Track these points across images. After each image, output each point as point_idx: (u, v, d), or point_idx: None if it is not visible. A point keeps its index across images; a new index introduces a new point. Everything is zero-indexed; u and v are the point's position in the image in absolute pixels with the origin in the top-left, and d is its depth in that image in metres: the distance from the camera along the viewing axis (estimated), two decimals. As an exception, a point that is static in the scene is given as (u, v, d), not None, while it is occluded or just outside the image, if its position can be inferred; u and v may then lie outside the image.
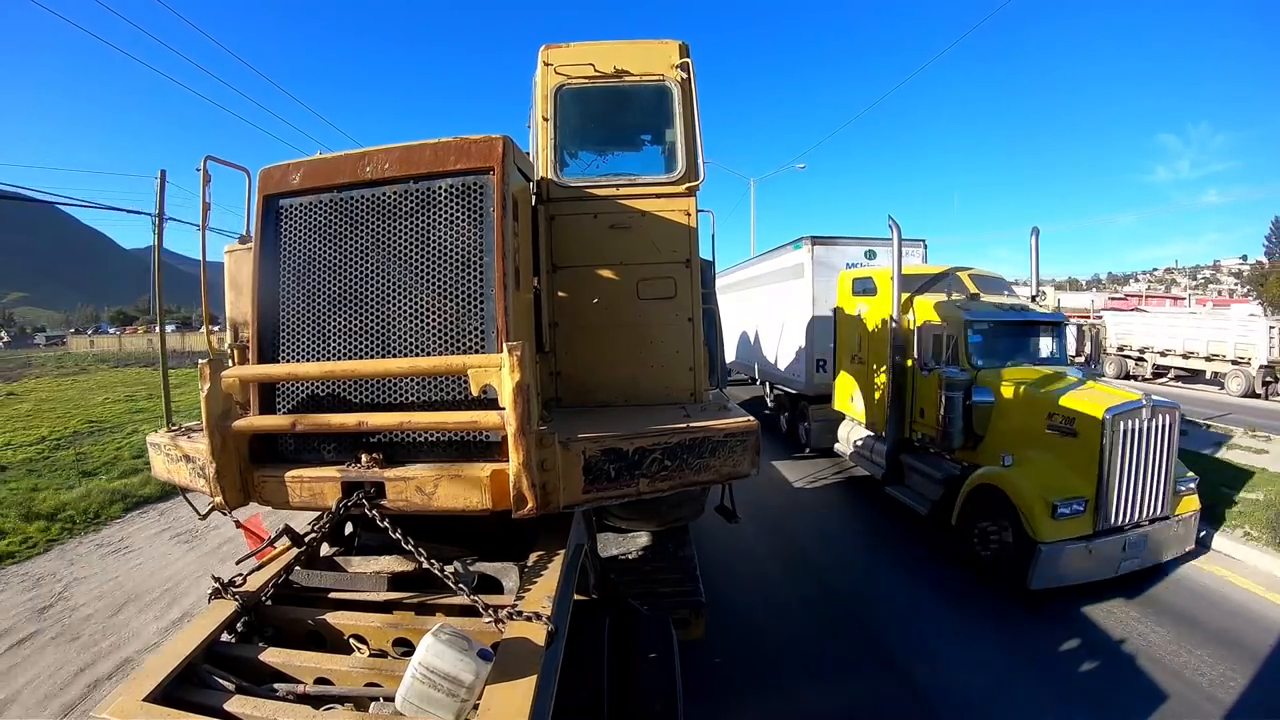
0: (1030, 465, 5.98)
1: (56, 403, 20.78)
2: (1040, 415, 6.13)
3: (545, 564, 2.55)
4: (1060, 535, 5.44)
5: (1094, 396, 5.88)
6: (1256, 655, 4.82)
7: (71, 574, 6.90)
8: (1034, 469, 5.92)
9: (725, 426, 2.82)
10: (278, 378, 2.60)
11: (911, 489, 7.72)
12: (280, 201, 2.72)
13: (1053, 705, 4.28)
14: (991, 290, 8.14)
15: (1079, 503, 5.52)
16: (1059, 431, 5.94)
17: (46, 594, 6.43)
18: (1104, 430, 5.52)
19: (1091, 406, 5.71)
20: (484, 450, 2.47)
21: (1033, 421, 6.20)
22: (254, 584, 2.47)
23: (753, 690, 4.45)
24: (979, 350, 7.10)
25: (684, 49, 3.60)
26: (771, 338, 13.02)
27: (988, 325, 7.19)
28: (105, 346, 61.00)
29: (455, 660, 1.70)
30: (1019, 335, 7.40)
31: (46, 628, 5.74)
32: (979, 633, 5.22)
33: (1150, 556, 5.85)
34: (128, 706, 1.78)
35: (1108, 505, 5.56)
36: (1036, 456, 6.04)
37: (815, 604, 5.79)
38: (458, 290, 2.49)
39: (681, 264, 3.54)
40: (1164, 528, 5.89)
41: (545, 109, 3.62)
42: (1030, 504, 5.57)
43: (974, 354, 7.06)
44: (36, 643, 5.48)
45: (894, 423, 7.96)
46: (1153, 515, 5.79)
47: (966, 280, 8.21)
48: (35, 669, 5.07)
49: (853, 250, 10.97)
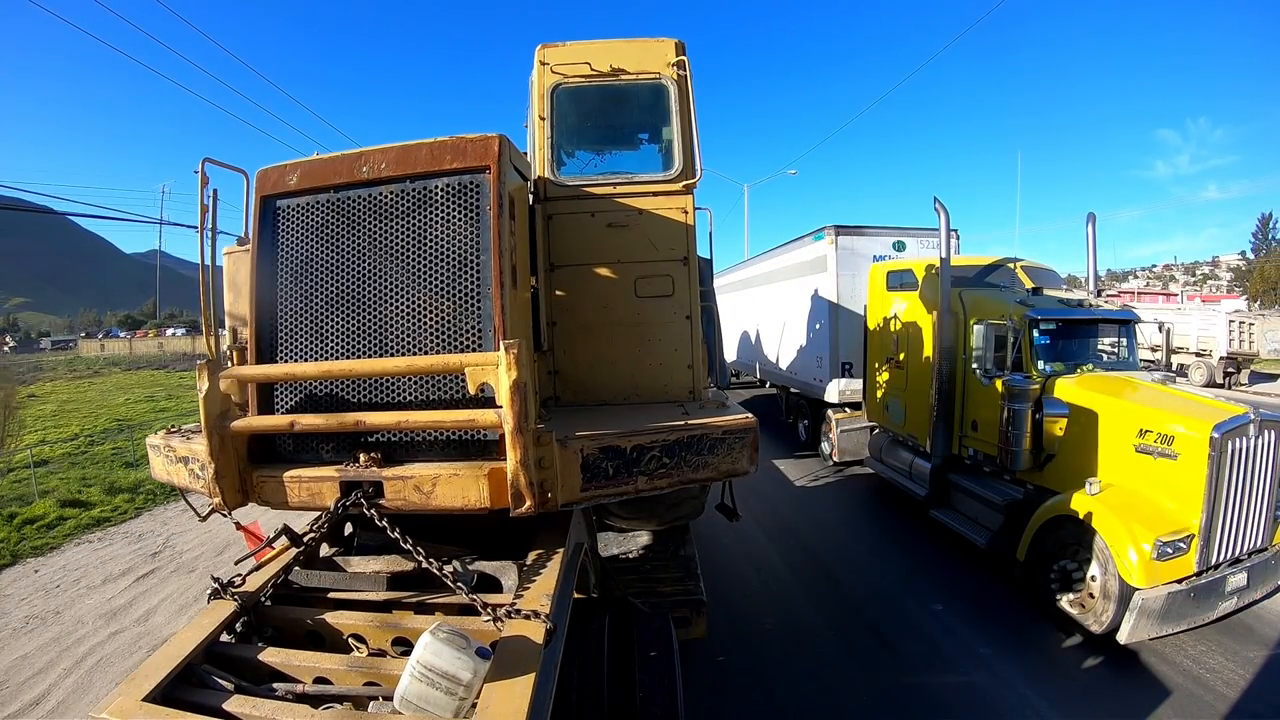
0: (1120, 494, 5.10)
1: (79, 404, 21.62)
2: (1128, 432, 5.22)
3: (544, 563, 2.55)
4: (1160, 579, 4.59)
5: (1193, 410, 5.04)
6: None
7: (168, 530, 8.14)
8: (1125, 498, 5.04)
9: (724, 424, 2.81)
10: (276, 378, 2.61)
11: (962, 514, 6.73)
12: (277, 202, 2.72)
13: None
14: (1049, 284, 7.24)
15: (1184, 540, 4.65)
16: (1153, 453, 5.03)
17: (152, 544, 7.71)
18: (1211, 451, 4.64)
19: (1194, 423, 4.81)
20: (482, 449, 2.47)
21: (1118, 439, 5.29)
22: (253, 584, 2.47)
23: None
24: (1046, 353, 6.22)
25: (680, 47, 3.60)
26: (788, 338, 12.07)
27: (1056, 324, 6.30)
28: (116, 350, 61.29)
29: (453, 658, 1.70)
30: (1088, 336, 6.56)
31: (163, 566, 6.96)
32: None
33: (1248, 595, 5.03)
34: (127, 706, 1.78)
35: (1213, 541, 4.72)
36: (1125, 482, 5.19)
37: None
38: (455, 289, 2.49)
39: (679, 262, 3.53)
40: (1263, 561, 5.06)
41: (542, 108, 3.62)
42: (1125, 542, 4.68)
43: (1040, 357, 6.19)
44: (159, 575, 6.76)
45: (941, 437, 7.01)
46: (1253, 547, 4.99)
47: (1021, 273, 7.24)
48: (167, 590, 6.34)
49: (880, 242, 9.99)
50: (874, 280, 8.86)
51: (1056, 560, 5.31)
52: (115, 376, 33.19)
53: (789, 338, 12.01)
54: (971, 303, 6.84)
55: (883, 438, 8.94)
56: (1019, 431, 5.74)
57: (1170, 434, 4.94)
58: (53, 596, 6.32)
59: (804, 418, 11.93)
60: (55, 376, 33.75)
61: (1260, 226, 69.26)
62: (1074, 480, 5.38)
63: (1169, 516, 4.80)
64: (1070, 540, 5.25)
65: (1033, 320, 6.19)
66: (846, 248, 9.92)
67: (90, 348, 64.70)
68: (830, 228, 9.97)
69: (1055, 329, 6.31)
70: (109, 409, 20.12)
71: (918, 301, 7.64)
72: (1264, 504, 4.96)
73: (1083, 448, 5.54)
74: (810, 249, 10.72)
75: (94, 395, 24.46)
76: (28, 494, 9.72)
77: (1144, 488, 5.08)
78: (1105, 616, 4.82)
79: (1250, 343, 19.29)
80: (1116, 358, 6.62)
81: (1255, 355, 19.60)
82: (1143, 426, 5.13)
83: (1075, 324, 6.45)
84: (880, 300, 8.61)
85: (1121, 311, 6.88)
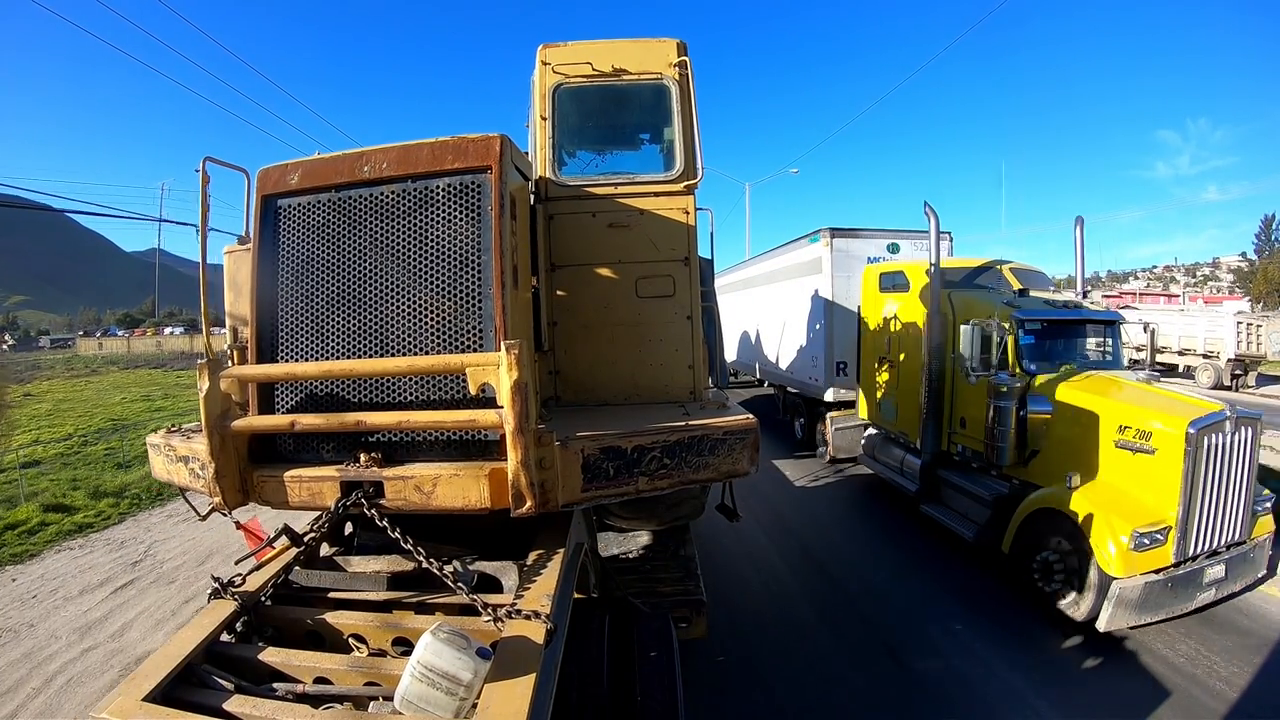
0: (1100, 487, 5.28)
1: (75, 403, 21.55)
2: (1109, 428, 5.38)
3: (545, 563, 2.54)
4: (1138, 569, 4.77)
5: (1170, 407, 5.21)
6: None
7: (150, 538, 7.89)
8: (1105, 492, 5.21)
9: (724, 425, 2.81)
10: (276, 377, 2.60)
11: (951, 509, 6.95)
12: (278, 202, 2.72)
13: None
14: (1036, 286, 7.46)
15: (1160, 532, 4.83)
16: (1131, 448, 5.22)
17: (133, 553, 7.47)
18: (1188, 447, 4.83)
19: (1171, 419, 4.99)
20: (483, 449, 2.47)
21: (1099, 435, 5.45)
22: (253, 584, 2.46)
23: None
24: (1031, 352, 6.37)
25: (682, 47, 3.60)
26: (785, 338, 12.26)
27: (1041, 324, 6.44)
28: (113, 349, 61.25)
29: (454, 658, 1.70)
30: (1073, 335, 6.71)
31: (143, 576, 6.74)
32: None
33: (1226, 587, 5.23)
34: (127, 706, 1.78)
35: (1189, 533, 4.91)
36: (1105, 476, 5.37)
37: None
38: (456, 289, 2.49)
39: (680, 262, 3.53)
40: (1241, 554, 5.25)
41: (543, 108, 3.62)
42: (1104, 534, 4.85)
43: (1026, 356, 6.34)
44: (137, 586, 6.52)
45: (930, 434, 7.20)
46: (1230, 540, 5.17)
47: (1009, 275, 7.49)
48: (144, 603, 6.11)
49: (874, 244, 10.13)
50: (868, 282, 9.03)
51: (1039, 552, 5.47)
52: (112, 375, 33.14)
53: (787, 338, 12.15)
54: (960, 304, 7.01)
55: (876, 436, 9.08)
56: (1004, 428, 5.91)
57: (1148, 430, 5.12)
58: (28, 608, 6.15)
59: (800, 416, 12.13)
60: (52, 375, 33.74)
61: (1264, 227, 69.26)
62: (1057, 475, 5.53)
63: (1147, 509, 4.97)
64: (1052, 532, 5.40)
65: (1018, 320, 6.34)
66: (841, 250, 10.03)
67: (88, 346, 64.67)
68: (825, 230, 10.07)
69: (1041, 329, 6.46)
70: (104, 408, 20.08)
71: (909, 302, 7.79)
72: (1241, 498, 5.14)
73: (1065, 443, 5.72)
74: (806, 250, 10.84)
75: (90, 394, 24.40)
76: (14, 496, 9.49)
77: (1123, 482, 5.25)
78: (1085, 605, 4.98)
79: (1258, 344, 19.13)
80: (1101, 357, 6.76)
81: (1263, 357, 19.46)
82: (1122, 423, 5.29)
83: (1061, 324, 6.60)
84: (874, 301, 8.76)
85: (1105, 312, 7.04)
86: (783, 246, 12.44)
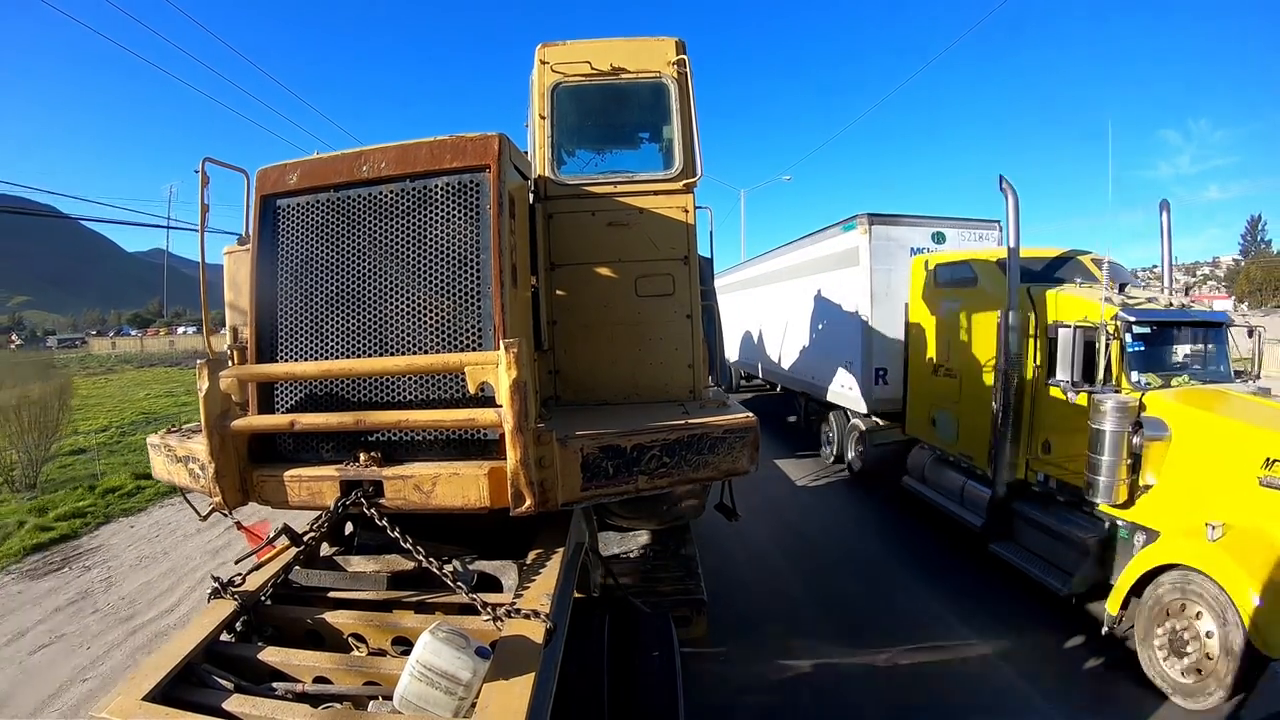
0: (1247, 539, 4.10)
1: (101, 398, 21.93)
2: (1252, 461, 4.28)
3: (544, 562, 2.54)
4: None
5: None
6: None
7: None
8: (1255, 545, 4.05)
9: (724, 423, 2.81)
10: (276, 377, 2.61)
11: (1028, 549, 5.79)
12: (278, 201, 2.72)
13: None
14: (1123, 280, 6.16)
15: None
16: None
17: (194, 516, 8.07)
18: None
19: None
20: (482, 448, 2.47)
21: (1238, 469, 4.36)
22: (253, 583, 2.47)
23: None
24: (1139, 362, 5.20)
25: (680, 46, 3.59)
26: (810, 341, 10.92)
27: (1151, 328, 5.25)
28: (127, 348, 61.84)
29: (453, 658, 1.70)
30: (1179, 342, 5.60)
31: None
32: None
33: None
34: (127, 706, 1.78)
35: None
36: (1248, 522, 4.21)
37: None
38: (455, 288, 2.48)
39: (680, 261, 3.52)
40: None
41: (542, 107, 3.61)
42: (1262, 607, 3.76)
43: (1134, 367, 5.18)
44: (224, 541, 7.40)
45: (1005, 459, 5.98)
46: None
47: (1091, 266, 6.22)
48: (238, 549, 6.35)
49: (918, 232, 8.79)
50: (917, 275, 7.77)
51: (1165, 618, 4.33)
52: (130, 373, 33.47)
53: (814, 340, 10.84)
54: (1049, 301, 5.82)
55: (925, 455, 7.79)
56: (1114, 458, 4.78)
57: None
58: (157, 543, 7.67)
59: (824, 425, 10.84)
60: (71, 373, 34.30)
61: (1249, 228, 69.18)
62: (1173, 516, 4.58)
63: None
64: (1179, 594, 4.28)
65: (1127, 323, 5.18)
66: (881, 238, 8.64)
67: (101, 345, 65.19)
68: (863, 216, 8.70)
69: (1150, 334, 5.28)
70: (132, 403, 20.41)
71: (976, 299, 6.63)
72: None
73: (1189, 478, 4.64)
74: (839, 240, 9.48)
75: (114, 390, 24.86)
76: (78, 476, 10.47)
77: (1273, 529, 4.13)
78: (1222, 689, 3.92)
79: None
80: (1203, 367, 5.59)
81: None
82: (1271, 455, 4.21)
83: (1171, 327, 5.47)
84: (927, 298, 7.50)
85: (1215, 313, 5.92)
86: (805, 239, 11.14)
